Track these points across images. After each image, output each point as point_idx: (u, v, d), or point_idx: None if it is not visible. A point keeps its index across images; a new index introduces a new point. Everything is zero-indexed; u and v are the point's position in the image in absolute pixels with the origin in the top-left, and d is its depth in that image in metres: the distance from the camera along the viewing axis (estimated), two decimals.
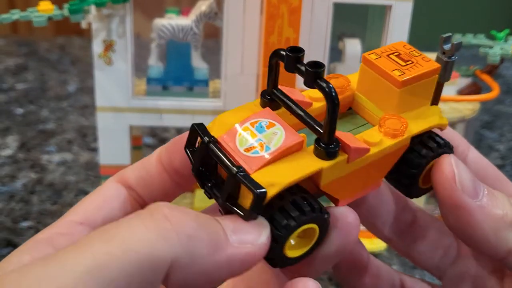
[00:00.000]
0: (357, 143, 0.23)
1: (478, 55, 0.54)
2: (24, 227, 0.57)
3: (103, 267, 0.18)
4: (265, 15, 0.47)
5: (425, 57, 0.26)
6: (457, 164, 0.26)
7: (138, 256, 0.19)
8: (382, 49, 0.26)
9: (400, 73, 0.25)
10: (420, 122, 0.26)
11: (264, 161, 0.22)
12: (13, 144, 0.73)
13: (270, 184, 0.21)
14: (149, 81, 0.53)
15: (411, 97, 0.26)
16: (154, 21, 0.52)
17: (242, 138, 0.23)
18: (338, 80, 0.27)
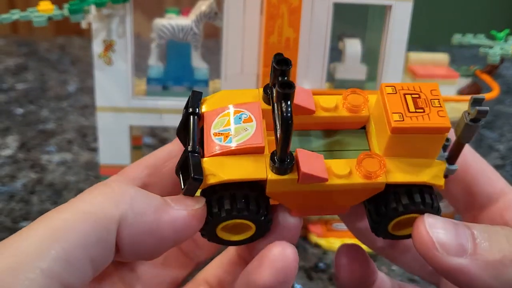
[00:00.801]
0: (316, 168, 0.23)
1: (478, 55, 0.54)
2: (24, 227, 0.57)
3: (61, 230, 0.21)
4: (265, 15, 0.47)
5: (442, 111, 0.24)
6: (431, 226, 0.24)
7: (90, 216, 0.22)
8: (405, 85, 0.25)
9: (399, 119, 0.23)
10: (406, 174, 0.24)
11: (220, 150, 0.24)
12: (13, 144, 0.73)
13: (212, 173, 0.23)
14: (149, 81, 0.53)
15: (406, 145, 0.24)
16: (154, 21, 0.52)
17: (218, 122, 0.25)
18: (355, 98, 0.26)
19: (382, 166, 0.24)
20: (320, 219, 0.58)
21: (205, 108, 0.26)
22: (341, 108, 0.25)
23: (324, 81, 0.52)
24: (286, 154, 0.23)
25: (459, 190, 0.30)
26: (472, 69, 0.60)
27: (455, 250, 0.23)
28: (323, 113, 0.25)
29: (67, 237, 0.21)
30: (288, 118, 0.21)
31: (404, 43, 0.51)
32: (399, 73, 0.52)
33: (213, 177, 0.23)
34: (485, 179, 0.29)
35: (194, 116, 0.25)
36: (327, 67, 0.52)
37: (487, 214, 0.29)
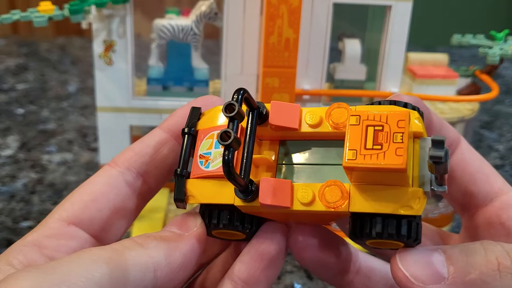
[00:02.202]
0: (277, 199, 0.24)
1: (478, 55, 0.54)
2: (25, 227, 0.57)
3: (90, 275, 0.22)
4: (265, 15, 0.47)
5: (402, 149, 0.22)
6: (403, 262, 0.24)
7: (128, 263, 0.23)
8: (372, 114, 0.23)
9: (352, 157, 0.23)
10: (372, 204, 0.23)
11: (199, 174, 0.26)
12: (13, 144, 0.74)
13: (192, 195, 0.26)
14: (149, 81, 0.53)
15: (368, 177, 0.23)
16: (154, 22, 0.52)
17: (204, 144, 0.26)
18: (339, 114, 0.25)
19: (343, 196, 0.24)
20: None
21: (200, 126, 0.27)
22: (325, 123, 0.25)
23: (324, 81, 0.52)
24: (244, 188, 0.24)
25: (457, 189, 0.29)
26: (471, 69, 0.60)
27: (431, 279, 0.23)
28: (307, 129, 0.26)
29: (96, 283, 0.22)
30: (226, 168, 0.22)
31: (404, 43, 0.51)
32: (398, 73, 0.52)
33: (192, 198, 0.26)
34: (483, 178, 0.29)
35: (189, 136, 0.27)
36: (327, 67, 0.52)
37: (483, 214, 0.29)
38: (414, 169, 0.24)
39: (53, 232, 0.25)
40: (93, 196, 0.27)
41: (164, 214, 0.57)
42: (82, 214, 0.26)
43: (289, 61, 0.48)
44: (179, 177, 0.26)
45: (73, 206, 0.26)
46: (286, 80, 0.48)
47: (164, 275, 0.24)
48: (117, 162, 0.28)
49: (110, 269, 0.22)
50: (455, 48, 1.04)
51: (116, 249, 0.23)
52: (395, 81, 0.52)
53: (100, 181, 0.27)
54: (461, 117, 0.56)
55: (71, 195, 0.27)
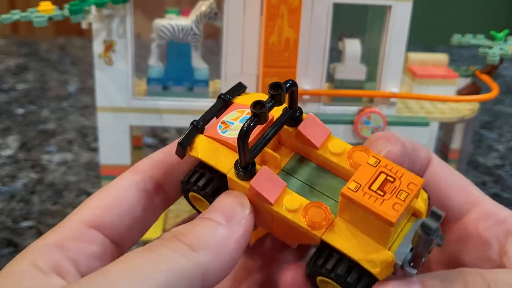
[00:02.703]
0: (266, 190, 0.24)
1: (478, 55, 0.54)
2: (25, 227, 0.57)
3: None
4: (265, 15, 0.47)
5: (400, 206, 0.22)
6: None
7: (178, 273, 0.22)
8: (391, 164, 0.24)
9: (353, 189, 0.23)
10: (344, 241, 0.23)
11: (212, 135, 0.26)
12: (13, 144, 0.74)
13: (195, 148, 0.26)
14: (149, 81, 0.53)
15: (355, 217, 0.23)
16: (154, 22, 0.52)
17: (232, 114, 0.27)
18: (360, 156, 0.25)
19: (325, 220, 0.24)
20: None
21: (238, 100, 0.28)
22: (344, 158, 0.26)
23: (324, 81, 0.52)
24: (245, 163, 0.24)
25: (433, 205, 0.28)
26: (471, 69, 0.60)
27: None
28: (326, 154, 0.26)
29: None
30: (244, 131, 0.23)
31: (404, 43, 0.51)
32: (398, 73, 0.52)
33: (194, 151, 0.26)
34: (457, 191, 0.28)
35: (221, 100, 0.28)
36: (327, 67, 0.52)
37: (460, 226, 0.28)
38: (397, 241, 0.24)
39: (75, 234, 0.25)
40: (114, 201, 0.27)
41: (164, 214, 0.57)
42: (103, 218, 0.26)
43: (289, 61, 0.48)
44: (193, 127, 0.26)
45: (94, 210, 0.26)
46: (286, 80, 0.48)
47: (211, 279, 0.23)
48: (138, 169, 0.28)
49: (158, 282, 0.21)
50: (455, 48, 1.04)
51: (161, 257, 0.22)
52: (395, 81, 0.52)
53: (122, 187, 0.27)
54: (461, 117, 0.56)
55: (90, 198, 0.27)
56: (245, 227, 0.24)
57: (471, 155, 0.75)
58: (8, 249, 0.54)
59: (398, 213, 0.22)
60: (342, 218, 0.24)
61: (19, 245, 0.54)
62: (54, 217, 0.58)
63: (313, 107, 0.53)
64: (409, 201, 0.23)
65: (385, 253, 0.23)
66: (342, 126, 0.53)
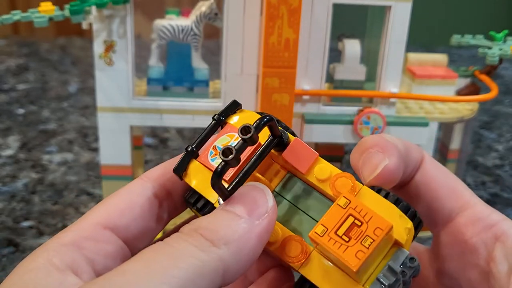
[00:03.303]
0: None
1: (477, 56, 0.54)
2: (25, 227, 0.57)
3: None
4: (265, 15, 0.47)
5: (363, 253, 0.23)
6: None
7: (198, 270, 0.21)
8: (361, 206, 0.24)
9: (320, 233, 0.23)
10: (322, 278, 0.24)
11: (203, 163, 0.27)
12: (14, 144, 0.74)
13: (188, 175, 0.27)
14: (149, 82, 0.53)
15: (328, 255, 0.24)
16: (155, 22, 0.52)
17: (222, 138, 0.27)
18: (343, 183, 0.26)
19: (302, 254, 0.24)
20: None
21: (231, 120, 0.28)
22: (327, 186, 0.26)
23: (323, 81, 0.52)
24: (223, 197, 0.24)
25: (423, 206, 0.28)
26: (471, 69, 0.60)
27: None
28: (312, 179, 0.26)
29: None
30: (217, 173, 0.23)
31: (403, 44, 0.51)
32: (398, 73, 0.52)
33: (188, 178, 0.27)
34: (447, 193, 0.28)
35: (216, 123, 0.28)
36: (327, 67, 0.52)
37: (448, 230, 0.28)
38: (375, 272, 0.24)
39: (90, 235, 0.25)
40: (129, 204, 0.27)
41: None
42: (118, 220, 0.26)
43: (289, 61, 0.48)
44: (187, 153, 0.27)
45: (109, 212, 0.26)
46: (286, 80, 0.48)
47: (231, 275, 0.23)
48: (148, 176, 0.28)
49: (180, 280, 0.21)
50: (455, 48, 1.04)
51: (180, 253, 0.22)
52: (395, 81, 0.53)
53: (134, 192, 0.27)
54: (461, 117, 0.56)
55: (104, 201, 0.27)
56: (268, 220, 0.24)
57: (470, 155, 0.76)
58: (9, 249, 0.54)
59: (360, 261, 0.22)
60: (318, 252, 0.24)
61: (19, 245, 0.54)
62: (54, 217, 0.58)
63: (313, 107, 0.53)
64: (373, 248, 0.23)
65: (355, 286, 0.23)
66: (342, 126, 0.53)
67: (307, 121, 0.52)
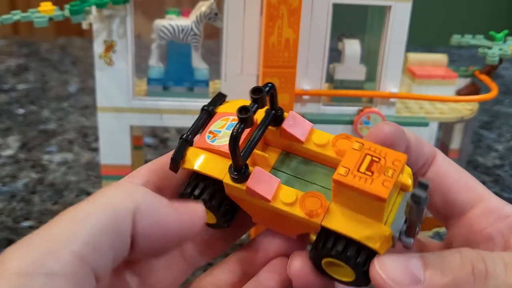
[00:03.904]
0: (262, 188, 0.26)
1: (477, 56, 0.54)
2: (25, 227, 0.57)
3: (85, 218, 0.24)
4: (265, 15, 0.47)
5: (389, 182, 0.24)
6: (381, 266, 0.25)
7: (109, 206, 0.24)
8: (374, 146, 0.25)
9: (343, 174, 0.24)
10: (343, 224, 0.25)
11: (202, 145, 0.27)
12: (14, 144, 0.74)
13: (188, 160, 0.27)
14: (149, 82, 0.53)
15: (349, 199, 0.25)
16: (155, 22, 0.52)
17: (217, 123, 0.28)
18: (344, 143, 0.27)
19: (322, 208, 0.25)
20: None
21: (220, 109, 0.29)
22: (329, 148, 0.27)
23: (323, 81, 0.52)
24: (238, 166, 0.25)
25: (437, 200, 0.29)
26: (471, 69, 0.60)
27: (408, 281, 0.24)
28: (311, 146, 0.27)
29: (91, 224, 0.23)
30: (234, 136, 0.24)
31: (403, 44, 0.51)
32: (398, 73, 0.52)
33: (188, 163, 0.27)
34: (461, 186, 0.29)
35: (205, 112, 0.28)
36: (327, 67, 0.52)
37: (464, 222, 0.29)
38: (391, 215, 0.25)
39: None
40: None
41: None
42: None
43: (289, 61, 0.48)
44: (183, 141, 0.27)
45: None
46: (286, 80, 0.48)
47: (142, 223, 0.24)
48: (134, 176, 0.29)
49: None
50: (455, 48, 1.04)
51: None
52: (395, 81, 0.53)
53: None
54: (461, 117, 0.56)
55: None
56: (191, 217, 0.26)
57: (470, 155, 0.76)
58: None
59: (388, 189, 0.24)
60: (336, 203, 0.25)
61: None
62: (54, 217, 0.58)
63: (313, 107, 0.53)
64: (396, 176, 0.24)
65: (382, 228, 0.24)
66: (342, 126, 0.53)
67: None
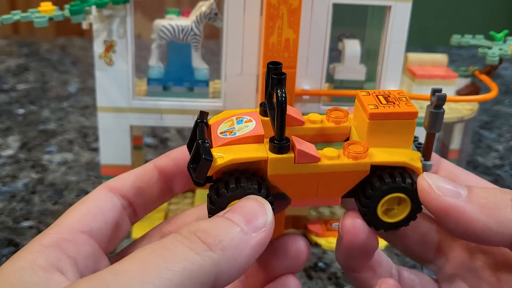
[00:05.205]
0: (308, 149, 0.27)
1: (477, 56, 0.54)
2: (25, 227, 0.57)
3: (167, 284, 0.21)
4: (265, 15, 0.47)
5: (410, 102, 0.28)
6: (429, 176, 0.27)
7: (191, 274, 0.22)
8: (378, 90, 0.29)
9: (374, 108, 0.27)
10: (387, 156, 0.27)
11: (225, 140, 0.27)
12: (14, 144, 0.74)
13: (220, 156, 0.26)
14: (149, 82, 0.53)
15: (384, 133, 0.28)
16: (155, 22, 0.52)
17: (224, 125, 0.29)
18: (337, 112, 0.30)
19: (365, 149, 0.27)
20: (319, 218, 0.58)
21: (212, 121, 0.30)
22: (326, 121, 0.30)
23: (323, 81, 0.52)
24: (284, 135, 0.26)
25: None
26: (471, 69, 0.60)
27: (451, 193, 0.26)
28: (312, 125, 0.29)
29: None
30: (283, 101, 0.25)
31: (403, 44, 0.51)
32: (398, 73, 0.52)
33: (221, 158, 0.26)
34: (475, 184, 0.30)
35: (202, 123, 0.29)
36: (327, 67, 0.52)
37: None
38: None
39: (69, 237, 0.26)
40: (99, 210, 0.28)
41: (164, 214, 0.57)
42: (92, 224, 0.27)
43: (289, 61, 0.48)
44: (203, 143, 0.26)
45: (82, 216, 0.28)
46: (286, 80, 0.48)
47: (222, 282, 0.23)
48: (110, 185, 0.30)
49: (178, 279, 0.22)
50: (455, 48, 1.04)
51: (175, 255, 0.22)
52: (395, 81, 0.53)
53: (102, 198, 0.29)
54: (461, 117, 0.56)
55: (73, 208, 0.28)
56: (265, 234, 0.25)
57: (470, 155, 0.76)
58: (9, 249, 0.54)
59: (413, 106, 0.27)
60: (371, 145, 0.28)
61: (19, 245, 0.54)
62: (54, 217, 0.58)
63: (313, 107, 0.53)
64: (409, 99, 0.28)
65: (414, 153, 0.28)
66: None
67: None
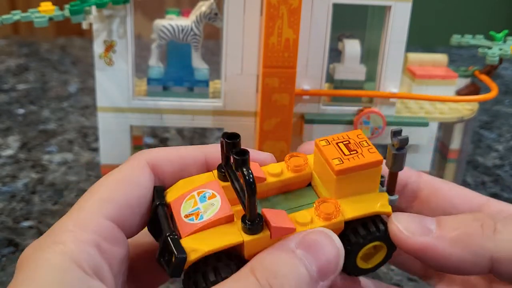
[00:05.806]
0: (283, 222, 0.25)
1: (477, 56, 0.54)
2: (25, 227, 0.57)
3: None
4: (265, 16, 0.47)
5: (372, 148, 0.27)
6: (397, 218, 0.27)
7: None
8: (335, 136, 0.28)
9: (339, 162, 0.26)
10: (358, 208, 0.27)
11: (194, 228, 0.25)
12: (14, 144, 0.74)
13: (193, 250, 0.24)
14: (149, 82, 0.53)
15: (351, 184, 0.27)
16: (155, 22, 0.52)
17: (186, 205, 0.27)
18: (296, 159, 0.29)
19: (337, 207, 0.26)
20: None
21: (170, 198, 0.28)
22: (286, 171, 0.29)
23: (323, 81, 0.52)
24: (256, 215, 0.25)
25: (437, 214, 0.29)
26: (471, 69, 0.60)
27: (420, 231, 0.26)
28: (273, 179, 0.28)
29: None
30: (251, 182, 0.24)
31: (403, 44, 0.51)
32: (398, 73, 0.52)
33: (194, 252, 0.25)
34: (459, 197, 0.30)
35: (162, 206, 0.27)
36: (327, 67, 0.52)
37: None
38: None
39: (107, 235, 0.25)
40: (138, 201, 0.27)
41: None
42: (129, 218, 0.27)
43: (289, 61, 0.48)
44: (173, 238, 0.25)
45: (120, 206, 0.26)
46: (286, 80, 0.48)
47: None
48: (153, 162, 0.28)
49: None
50: (455, 48, 1.04)
51: None
52: (395, 81, 0.53)
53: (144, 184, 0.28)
54: (461, 117, 0.56)
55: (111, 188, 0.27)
56: (330, 282, 0.25)
57: (470, 155, 0.76)
58: (9, 249, 0.54)
59: (377, 153, 0.27)
60: (338, 198, 0.27)
61: (19, 245, 0.54)
62: (54, 217, 0.58)
63: (313, 107, 0.53)
64: (371, 143, 0.27)
65: (381, 195, 0.28)
66: (342, 126, 0.53)
67: (307, 121, 0.52)
